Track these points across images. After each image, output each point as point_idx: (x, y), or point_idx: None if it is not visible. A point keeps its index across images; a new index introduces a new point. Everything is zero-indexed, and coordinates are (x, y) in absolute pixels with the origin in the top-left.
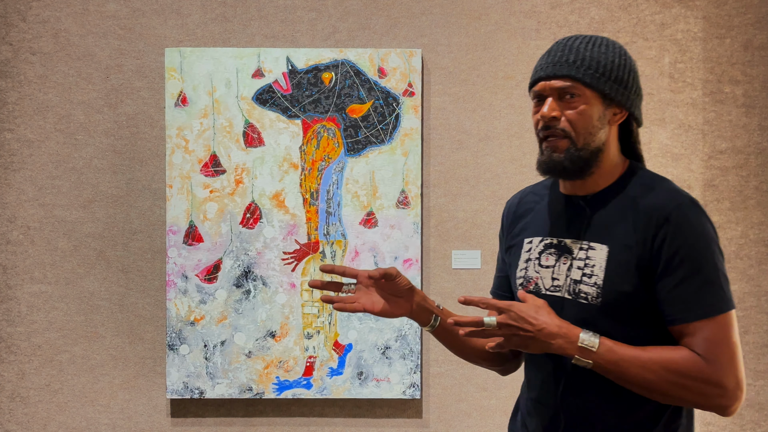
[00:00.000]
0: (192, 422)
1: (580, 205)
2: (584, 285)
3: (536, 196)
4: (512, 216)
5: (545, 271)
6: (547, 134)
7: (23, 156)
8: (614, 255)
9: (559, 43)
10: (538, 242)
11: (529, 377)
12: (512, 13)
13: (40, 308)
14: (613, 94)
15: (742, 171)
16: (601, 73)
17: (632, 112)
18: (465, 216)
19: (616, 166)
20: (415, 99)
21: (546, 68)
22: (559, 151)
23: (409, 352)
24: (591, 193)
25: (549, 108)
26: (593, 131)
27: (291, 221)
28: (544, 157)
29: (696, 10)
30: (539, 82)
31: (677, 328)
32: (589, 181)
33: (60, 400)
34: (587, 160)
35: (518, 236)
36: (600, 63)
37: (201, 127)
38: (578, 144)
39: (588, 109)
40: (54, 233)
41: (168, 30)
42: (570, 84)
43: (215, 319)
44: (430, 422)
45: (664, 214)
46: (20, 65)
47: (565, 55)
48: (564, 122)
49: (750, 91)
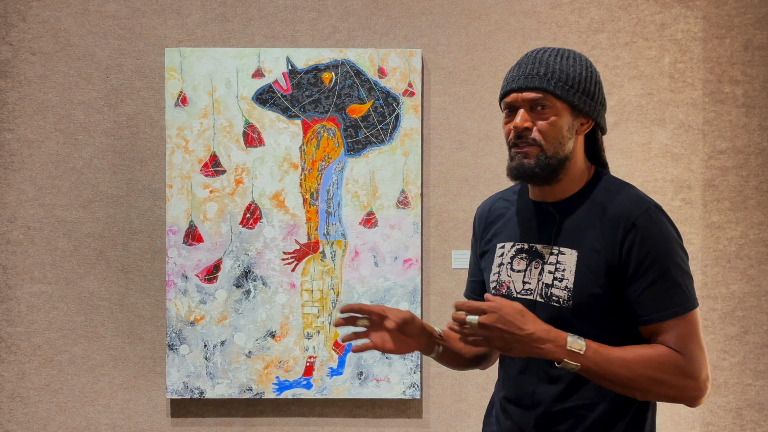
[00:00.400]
0: (192, 422)
1: (549, 212)
2: (555, 288)
3: (506, 202)
4: (484, 222)
5: (516, 275)
6: (519, 143)
7: (23, 156)
8: (583, 259)
9: (528, 56)
10: (510, 247)
11: (502, 375)
12: (512, 13)
13: (40, 308)
14: (582, 105)
15: (742, 171)
16: (570, 86)
17: (598, 122)
18: (465, 216)
19: (583, 173)
20: (415, 99)
21: (518, 80)
22: (530, 158)
23: None
24: (560, 199)
25: (521, 119)
26: (563, 141)
27: (291, 221)
28: (515, 163)
29: (696, 10)
30: (511, 93)
31: (649, 328)
32: (557, 188)
33: (60, 400)
34: (555, 168)
35: (491, 242)
36: (569, 76)
37: (201, 127)
38: (548, 153)
39: (558, 120)
40: (54, 233)
41: (168, 30)
42: (541, 96)
43: (215, 319)
44: (430, 422)
45: (631, 220)
46: (20, 65)
47: (536, 67)
48: (535, 132)
49: (750, 91)
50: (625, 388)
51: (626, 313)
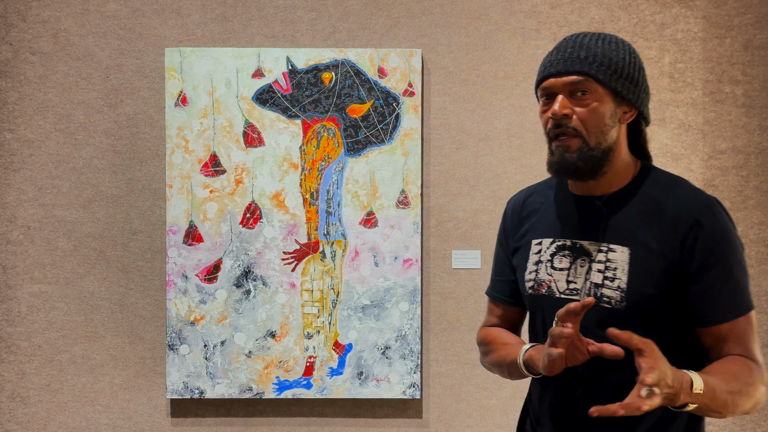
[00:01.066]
0: (192, 422)
1: (595, 206)
2: (606, 289)
3: (541, 197)
4: (517, 217)
5: (559, 274)
6: (558, 133)
7: (23, 156)
8: (637, 257)
9: (567, 40)
10: (548, 244)
11: (541, 384)
12: (512, 13)
13: (40, 308)
14: (625, 92)
15: (742, 171)
16: (613, 71)
17: (641, 110)
18: (465, 216)
19: (629, 166)
20: (415, 99)
21: (557, 64)
22: (571, 151)
23: (409, 352)
24: (606, 193)
25: (560, 105)
26: (605, 130)
27: (291, 221)
28: (555, 158)
29: (696, 10)
30: (548, 78)
31: (711, 330)
32: (602, 181)
33: (60, 400)
34: (599, 160)
35: (524, 237)
36: (612, 60)
37: (201, 127)
38: (590, 143)
39: (600, 106)
40: (54, 233)
41: (168, 30)
42: (582, 80)
43: (215, 319)
44: (430, 422)
45: (693, 216)
46: (20, 65)
47: (575, 51)
48: (575, 120)
49: (750, 91)
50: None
51: (681, 315)
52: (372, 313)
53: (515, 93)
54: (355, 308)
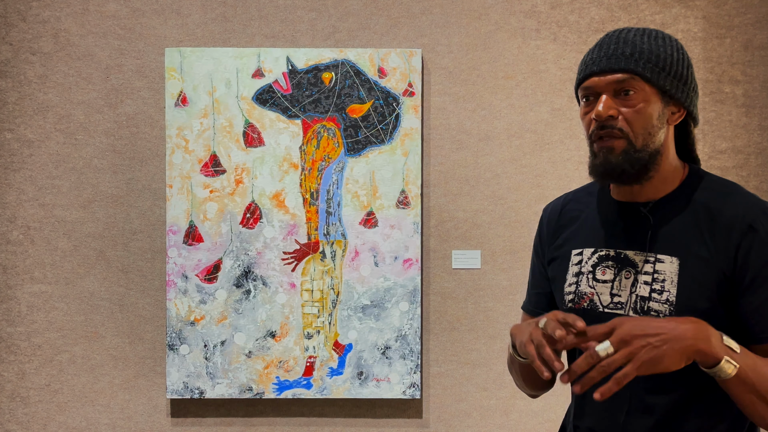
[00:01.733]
0: (192, 422)
1: (641, 213)
2: (654, 302)
3: (580, 204)
4: (554, 225)
5: (602, 286)
6: (602, 134)
7: (23, 156)
8: (687, 268)
9: (610, 36)
10: (590, 254)
11: (581, 403)
12: (512, 13)
13: (40, 308)
14: (674, 90)
15: (742, 171)
16: (661, 68)
17: (691, 110)
18: (465, 216)
19: (676, 170)
20: (415, 99)
21: (600, 62)
22: (616, 153)
23: (409, 352)
24: (652, 200)
25: (605, 106)
26: (653, 131)
27: (291, 221)
28: (599, 160)
29: (696, 10)
30: (591, 77)
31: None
32: (647, 187)
33: (60, 400)
34: (646, 163)
35: (563, 247)
36: (660, 57)
37: (201, 127)
38: (637, 145)
39: (647, 106)
40: (54, 233)
41: (168, 30)
42: (628, 78)
43: (215, 319)
44: (430, 422)
45: (747, 222)
46: (20, 65)
47: (620, 47)
48: (621, 121)
49: (750, 91)
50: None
51: (733, 330)
52: (372, 313)
53: (515, 93)
54: (355, 308)
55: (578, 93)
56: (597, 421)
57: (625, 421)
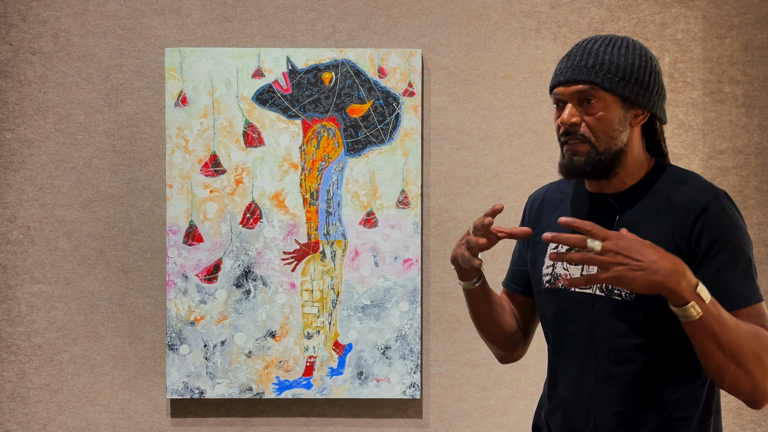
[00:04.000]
0: (192, 422)
1: (608, 203)
2: None
3: (561, 193)
4: (536, 211)
5: (574, 268)
6: (568, 139)
7: (23, 156)
8: None
9: (578, 47)
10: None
11: (554, 374)
12: (512, 13)
13: (40, 308)
14: (633, 97)
15: (742, 171)
16: (620, 77)
17: (654, 113)
18: (465, 216)
19: (642, 164)
20: (415, 99)
21: (565, 73)
22: (580, 155)
23: (409, 352)
24: (619, 190)
25: (569, 114)
26: (614, 135)
27: (291, 221)
28: (565, 161)
29: (696, 10)
30: (558, 86)
31: None
32: (614, 180)
33: (60, 400)
34: (609, 163)
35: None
36: (620, 66)
37: (201, 127)
38: (599, 148)
39: (607, 114)
40: (54, 233)
41: (168, 30)
42: (588, 89)
43: (215, 319)
44: (430, 422)
45: (701, 205)
46: (20, 65)
47: (584, 59)
48: (584, 128)
49: (750, 91)
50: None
51: None
52: (372, 313)
53: (515, 93)
54: (355, 308)
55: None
56: (569, 390)
57: (592, 390)
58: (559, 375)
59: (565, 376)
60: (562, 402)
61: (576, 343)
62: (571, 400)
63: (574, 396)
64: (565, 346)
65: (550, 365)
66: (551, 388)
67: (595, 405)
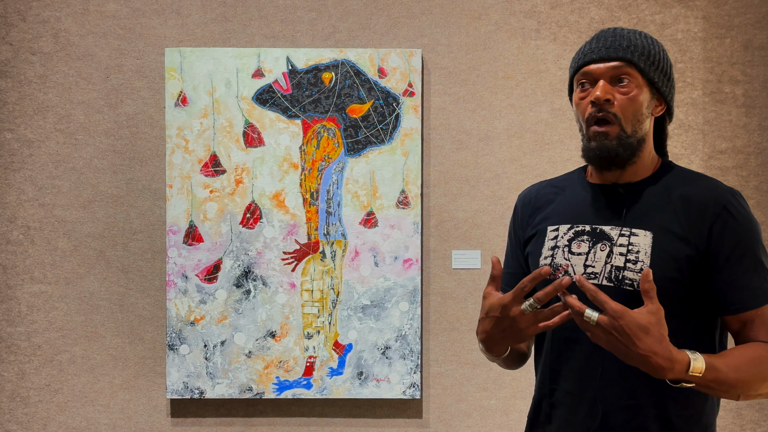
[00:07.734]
0: (192, 422)
1: (617, 193)
2: (629, 271)
3: (555, 189)
4: (530, 208)
5: (577, 258)
6: (600, 118)
7: (23, 156)
8: (659, 242)
9: (606, 31)
10: (566, 230)
11: (555, 367)
12: (512, 13)
13: (40, 308)
14: (660, 83)
15: (742, 171)
16: (651, 62)
17: (670, 105)
18: (465, 216)
19: (653, 160)
20: (415, 99)
21: (599, 51)
22: (611, 138)
23: (409, 352)
24: (629, 182)
25: (603, 91)
26: (641, 119)
27: (291, 221)
28: (595, 144)
29: (696, 10)
30: (589, 64)
31: (740, 317)
32: (628, 171)
33: (60, 400)
34: (635, 148)
35: (539, 225)
36: (650, 52)
37: (201, 127)
38: (627, 131)
39: (639, 94)
40: (54, 233)
41: (168, 30)
42: (625, 66)
43: (215, 319)
44: (430, 422)
45: (720, 203)
46: (20, 65)
47: (617, 40)
48: (616, 107)
49: (750, 91)
50: (732, 393)
51: (704, 302)
52: (372, 313)
53: (515, 93)
54: (355, 308)
55: (573, 81)
56: (574, 383)
57: (599, 384)
58: (561, 368)
59: (568, 369)
60: (566, 395)
61: (580, 336)
62: (577, 393)
63: (579, 389)
64: (569, 339)
65: (547, 358)
66: (552, 382)
67: (604, 398)
